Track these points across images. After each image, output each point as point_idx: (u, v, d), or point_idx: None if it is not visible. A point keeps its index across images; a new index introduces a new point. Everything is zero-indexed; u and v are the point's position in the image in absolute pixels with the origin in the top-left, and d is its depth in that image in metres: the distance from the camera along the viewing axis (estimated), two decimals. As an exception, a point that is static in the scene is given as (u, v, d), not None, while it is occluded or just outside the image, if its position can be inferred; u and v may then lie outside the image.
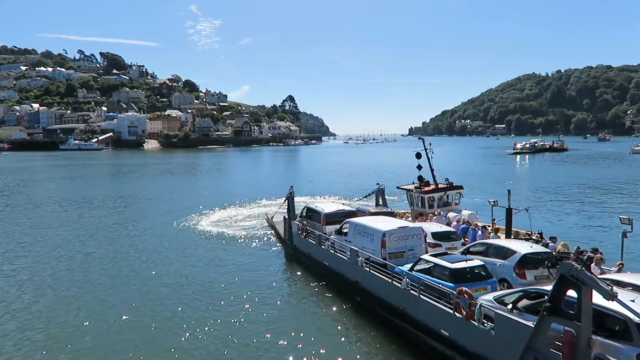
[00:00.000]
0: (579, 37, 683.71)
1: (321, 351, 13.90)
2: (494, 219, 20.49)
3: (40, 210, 41.11)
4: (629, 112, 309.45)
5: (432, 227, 19.43)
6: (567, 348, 9.30)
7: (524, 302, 11.18)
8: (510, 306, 11.27)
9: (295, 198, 26.19)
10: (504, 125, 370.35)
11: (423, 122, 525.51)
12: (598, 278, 9.22)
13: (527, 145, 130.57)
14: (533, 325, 10.01)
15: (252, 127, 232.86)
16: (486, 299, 12.15)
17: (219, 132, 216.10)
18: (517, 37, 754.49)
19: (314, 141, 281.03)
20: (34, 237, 30.22)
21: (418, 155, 25.71)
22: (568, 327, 9.35)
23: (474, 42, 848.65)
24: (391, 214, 23.03)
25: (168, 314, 16.89)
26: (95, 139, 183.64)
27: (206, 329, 15.45)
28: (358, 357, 13.70)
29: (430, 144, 26.30)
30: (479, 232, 18.79)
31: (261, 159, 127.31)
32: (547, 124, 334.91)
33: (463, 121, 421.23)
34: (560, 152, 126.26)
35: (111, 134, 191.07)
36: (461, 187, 25.03)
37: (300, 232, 23.27)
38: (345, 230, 19.82)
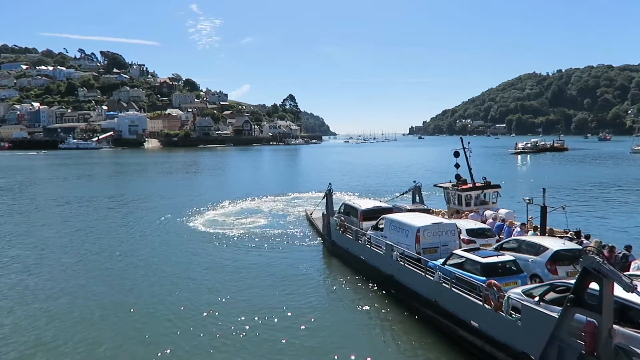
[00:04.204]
0: (579, 37, 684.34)
1: (357, 341, 14.57)
2: (530, 217, 20.52)
3: (48, 210, 41.08)
4: (629, 111, 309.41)
5: (467, 224, 19.87)
6: (589, 338, 9.77)
7: (551, 295, 11.55)
8: (537, 298, 11.64)
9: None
10: (504, 125, 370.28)
11: (424, 122, 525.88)
12: (619, 271, 9.57)
13: (529, 145, 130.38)
14: (557, 316, 10.48)
15: (253, 127, 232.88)
16: (515, 292, 12.54)
17: (220, 132, 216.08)
18: (518, 36, 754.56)
19: (314, 140, 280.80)
20: (40, 235, 30.20)
21: (456, 154, 25.90)
22: (590, 317, 9.79)
23: (474, 41, 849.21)
24: (427, 211, 23.41)
25: (209, 300, 17.81)
26: (96, 138, 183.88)
27: (244, 318, 16.09)
28: (392, 346, 14.29)
29: (469, 143, 26.52)
30: (517, 229, 18.76)
31: (263, 158, 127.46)
32: (548, 123, 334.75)
33: (464, 120, 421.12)
34: (561, 151, 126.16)
35: (112, 132, 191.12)
36: (499, 186, 25.15)
37: (338, 227, 24.00)
38: (381, 226, 20.43)
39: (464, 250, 15.69)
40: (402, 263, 17.31)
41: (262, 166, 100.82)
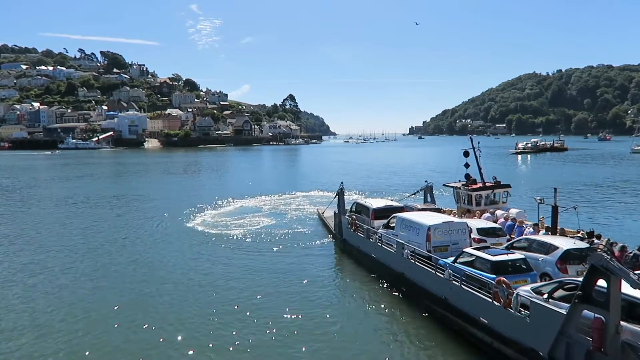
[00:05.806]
0: (579, 37, 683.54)
1: (368, 337, 14.83)
2: (542, 217, 20.54)
3: (51, 210, 41.05)
4: (629, 111, 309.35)
5: (477, 223, 20.01)
6: (597, 334, 9.90)
7: (560, 293, 11.67)
8: (546, 296, 11.76)
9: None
10: (504, 125, 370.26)
11: (424, 122, 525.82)
12: (626, 269, 9.67)
13: (529, 145, 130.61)
14: (565, 313, 10.63)
15: (253, 126, 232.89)
16: (524, 289, 12.69)
17: (220, 132, 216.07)
18: (518, 36, 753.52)
19: (314, 140, 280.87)
20: (42, 234, 30.24)
21: (466, 154, 26.06)
22: (598, 314, 9.92)
23: (474, 41, 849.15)
24: (438, 211, 23.59)
25: (224, 299, 18.07)
26: (96, 138, 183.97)
27: (255, 315, 16.33)
28: (403, 343, 14.49)
29: (479, 142, 26.65)
30: (530, 229, 18.79)
31: (264, 158, 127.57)
32: (548, 123, 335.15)
33: (464, 120, 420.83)
34: (561, 151, 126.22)
35: (112, 132, 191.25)
36: (509, 186, 25.22)
37: (349, 226, 24.24)
38: (392, 225, 20.63)
39: (474, 249, 15.87)
40: (413, 261, 17.48)
41: (264, 166, 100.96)
